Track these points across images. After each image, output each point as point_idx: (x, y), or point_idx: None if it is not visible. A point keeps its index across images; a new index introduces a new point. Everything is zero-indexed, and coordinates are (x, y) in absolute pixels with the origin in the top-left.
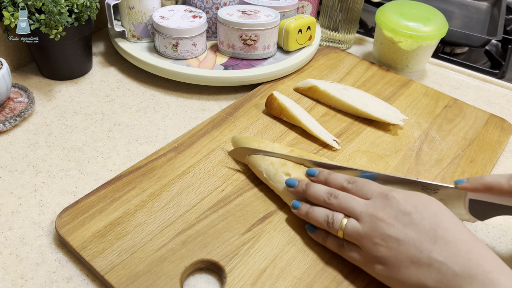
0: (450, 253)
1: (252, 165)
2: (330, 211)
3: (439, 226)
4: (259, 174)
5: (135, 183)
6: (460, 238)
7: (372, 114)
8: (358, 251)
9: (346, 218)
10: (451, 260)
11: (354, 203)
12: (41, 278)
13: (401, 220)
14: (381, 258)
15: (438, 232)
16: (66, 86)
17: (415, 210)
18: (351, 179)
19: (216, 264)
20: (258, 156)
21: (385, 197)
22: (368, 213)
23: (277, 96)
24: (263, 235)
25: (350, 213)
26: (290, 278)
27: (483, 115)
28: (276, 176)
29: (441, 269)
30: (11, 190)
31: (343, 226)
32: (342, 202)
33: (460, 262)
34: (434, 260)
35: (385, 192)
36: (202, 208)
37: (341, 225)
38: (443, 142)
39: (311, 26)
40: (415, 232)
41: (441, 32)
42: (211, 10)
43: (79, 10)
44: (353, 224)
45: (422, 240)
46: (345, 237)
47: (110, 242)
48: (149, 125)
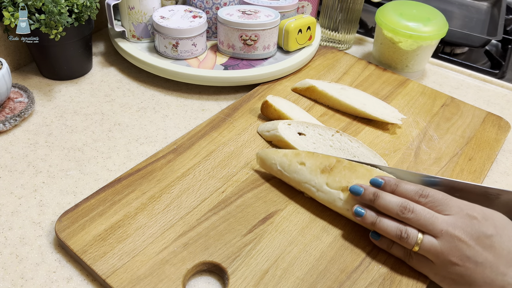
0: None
1: (263, 159)
2: (403, 225)
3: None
4: (272, 168)
5: (135, 185)
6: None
7: (370, 113)
8: (429, 264)
9: (421, 234)
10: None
11: (433, 220)
12: (41, 278)
13: (482, 242)
14: (454, 275)
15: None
16: (66, 86)
17: (495, 232)
18: (423, 192)
19: (218, 266)
20: (270, 150)
21: (466, 215)
22: (449, 233)
23: (271, 103)
24: (265, 236)
25: (428, 230)
26: (292, 279)
27: (480, 113)
28: (290, 166)
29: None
30: (11, 190)
31: (419, 242)
32: (420, 218)
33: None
34: (508, 283)
35: (465, 210)
36: (202, 210)
37: (417, 241)
38: (441, 140)
39: (311, 26)
40: (493, 255)
41: (441, 32)
42: (211, 10)
43: (79, 10)
44: (431, 241)
45: (499, 264)
46: (419, 252)
47: (111, 246)
48: (149, 125)
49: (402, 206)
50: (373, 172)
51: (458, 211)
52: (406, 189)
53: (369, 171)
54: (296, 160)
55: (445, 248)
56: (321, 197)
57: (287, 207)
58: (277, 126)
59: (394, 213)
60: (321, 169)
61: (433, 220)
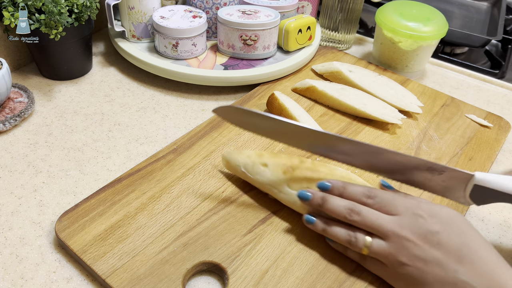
0: (474, 273)
1: (228, 161)
2: (352, 231)
3: (465, 246)
4: (236, 170)
5: (135, 185)
6: (484, 257)
7: (370, 113)
8: (382, 266)
9: (369, 237)
10: (474, 280)
11: (380, 221)
12: (41, 278)
13: (429, 240)
14: (406, 276)
15: (463, 252)
16: (66, 86)
17: (442, 229)
18: (370, 193)
19: (218, 266)
20: (235, 152)
21: (412, 214)
22: (396, 233)
23: (278, 96)
24: (265, 236)
25: (376, 232)
26: (292, 278)
27: (480, 113)
28: (254, 168)
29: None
30: (11, 190)
31: (368, 244)
32: (367, 220)
33: (483, 282)
34: (459, 280)
35: (411, 209)
36: (202, 209)
37: (365, 243)
38: (441, 140)
39: (311, 26)
40: (442, 252)
41: (441, 32)
42: (211, 10)
43: (79, 10)
44: (379, 243)
45: (448, 260)
46: (369, 254)
47: (111, 246)
48: (149, 125)
49: (349, 209)
50: (335, 172)
51: (404, 210)
52: (353, 191)
53: (331, 171)
54: (259, 161)
55: (394, 249)
56: (283, 198)
57: (286, 207)
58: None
59: (342, 217)
60: (283, 170)
61: (379, 222)
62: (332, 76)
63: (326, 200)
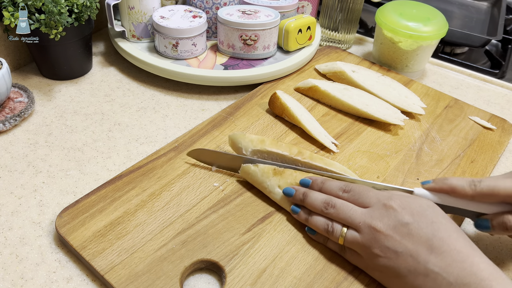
0: (445, 263)
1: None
2: (330, 220)
3: (435, 236)
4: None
5: (135, 182)
6: (455, 247)
7: (372, 114)
8: (359, 257)
9: (345, 228)
10: (446, 270)
11: (352, 214)
12: (41, 278)
13: (399, 231)
14: (380, 267)
15: (434, 242)
16: (66, 86)
17: (412, 220)
18: (346, 187)
19: (216, 264)
20: (239, 135)
21: (383, 206)
22: (367, 224)
23: (280, 95)
24: (263, 235)
25: (349, 224)
26: (290, 278)
27: (484, 115)
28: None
29: (436, 279)
30: (11, 190)
31: (343, 234)
32: (340, 212)
33: (455, 272)
34: (430, 271)
35: (382, 200)
36: (202, 208)
37: (341, 234)
38: (443, 142)
39: (311, 26)
40: (412, 243)
41: (441, 32)
42: (211, 10)
43: (79, 10)
44: (352, 235)
45: (419, 251)
46: (345, 245)
47: (110, 242)
48: (149, 125)
49: (325, 202)
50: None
51: (376, 202)
52: (330, 186)
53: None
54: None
55: (366, 240)
56: (274, 198)
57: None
58: None
59: (319, 210)
60: (272, 171)
61: (351, 213)
62: (335, 76)
63: (306, 195)
